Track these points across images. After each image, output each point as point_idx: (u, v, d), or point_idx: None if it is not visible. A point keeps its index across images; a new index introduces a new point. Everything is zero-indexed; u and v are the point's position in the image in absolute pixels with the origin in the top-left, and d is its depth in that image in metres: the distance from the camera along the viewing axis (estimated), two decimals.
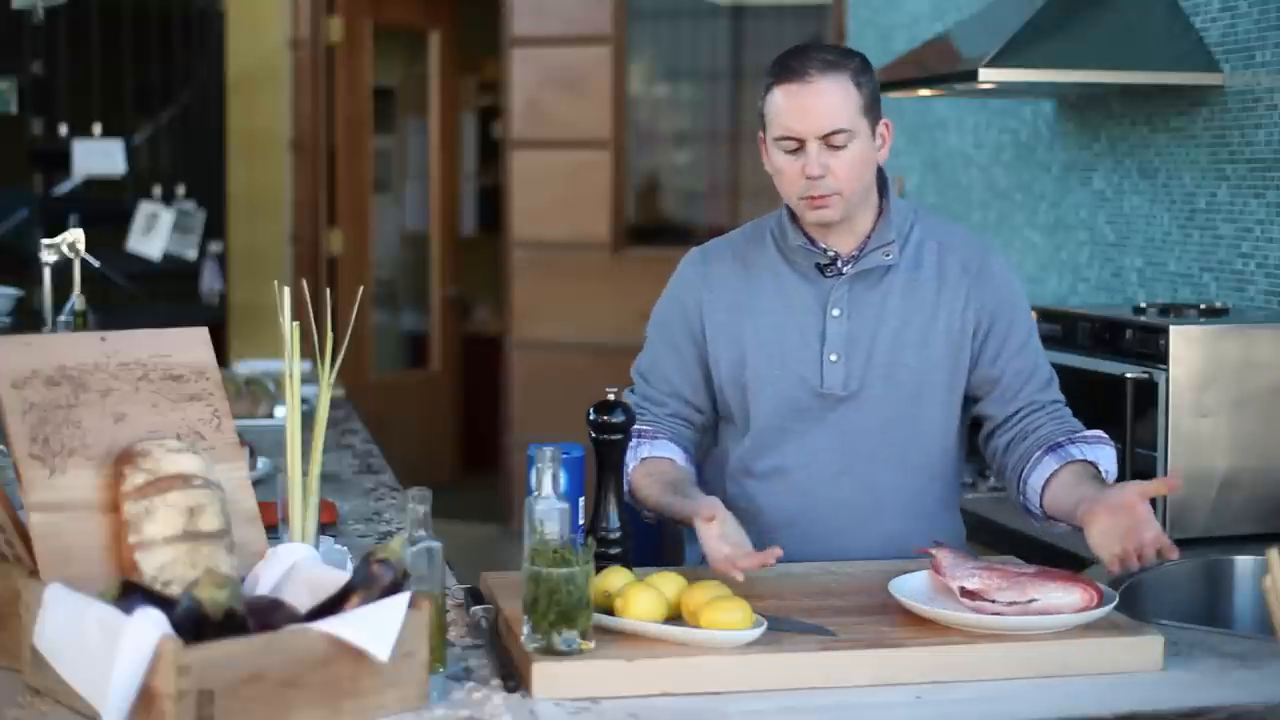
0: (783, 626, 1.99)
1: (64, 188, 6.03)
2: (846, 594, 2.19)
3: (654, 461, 2.44)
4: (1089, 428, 3.11)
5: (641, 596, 1.97)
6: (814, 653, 1.92)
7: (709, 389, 2.51)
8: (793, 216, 2.45)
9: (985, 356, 2.46)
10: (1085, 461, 2.36)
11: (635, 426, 2.38)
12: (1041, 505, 2.38)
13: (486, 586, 2.22)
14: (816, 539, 2.45)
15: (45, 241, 3.46)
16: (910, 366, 2.43)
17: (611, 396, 2.23)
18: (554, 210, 6.79)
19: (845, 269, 2.43)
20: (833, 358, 2.42)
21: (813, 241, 2.43)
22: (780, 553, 2.12)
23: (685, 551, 2.60)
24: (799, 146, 2.33)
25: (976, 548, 3.00)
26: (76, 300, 3.45)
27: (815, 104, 2.31)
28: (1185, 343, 2.85)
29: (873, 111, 2.37)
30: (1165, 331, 2.85)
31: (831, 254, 2.43)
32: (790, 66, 2.34)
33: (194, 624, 1.68)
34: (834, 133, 2.31)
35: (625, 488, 2.41)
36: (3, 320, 3.74)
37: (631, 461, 2.42)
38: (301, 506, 2.01)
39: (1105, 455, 2.40)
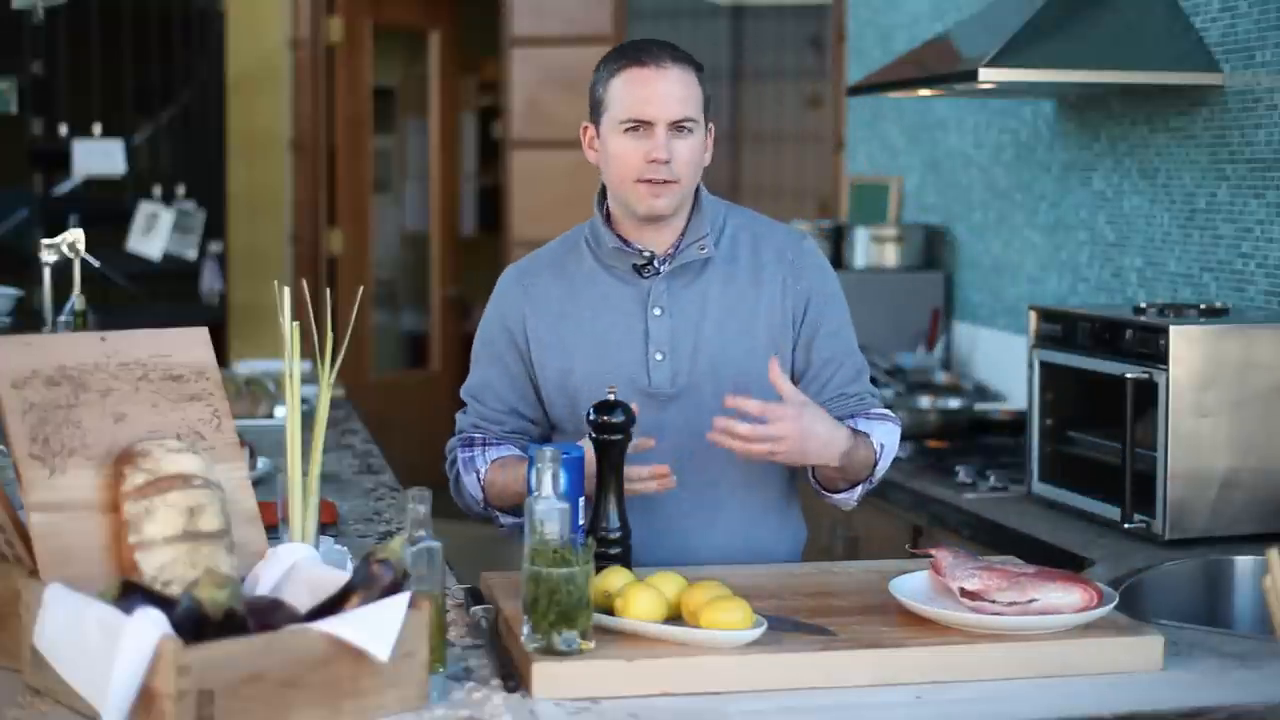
0: (783, 626, 1.99)
1: (64, 188, 6.03)
2: (846, 594, 2.19)
3: (501, 461, 2.45)
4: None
5: (641, 596, 1.97)
6: (814, 653, 1.92)
7: (540, 402, 2.51)
8: (607, 220, 2.47)
9: (800, 343, 2.49)
10: (858, 432, 2.41)
11: (470, 437, 2.48)
12: (814, 476, 2.45)
13: (486, 586, 2.22)
14: (661, 539, 2.42)
15: (45, 241, 3.46)
16: (735, 359, 2.44)
17: (611, 397, 2.23)
18: (554, 210, 6.78)
19: (662, 267, 2.44)
20: (658, 356, 2.43)
21: (628, 243, 2.45)
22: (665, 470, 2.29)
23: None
24: (644, 130, 2.36)
25: (976, 548, 3.00)
26: (76, 300, 3.45)
27: (669, 90, 2.36)
28: (1185, 343, 2.85)
29: (707, 111, 2.42)
30: (1165, 331, 2.85)
31: (648, 253, 2.44)
32: (640, 54, 2.38)
33: (194, 624, 1.68)
34: (683, 120, 2.36)
35: (480, 495, 2.45)
36: (3, 320, 3.74)
37: (481, 466, 2.45)
38: (301, 506, 2.01)
39: (882, 429, 2.46)
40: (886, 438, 2.46)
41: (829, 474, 2.40)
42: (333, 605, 1.78)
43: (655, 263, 2.44)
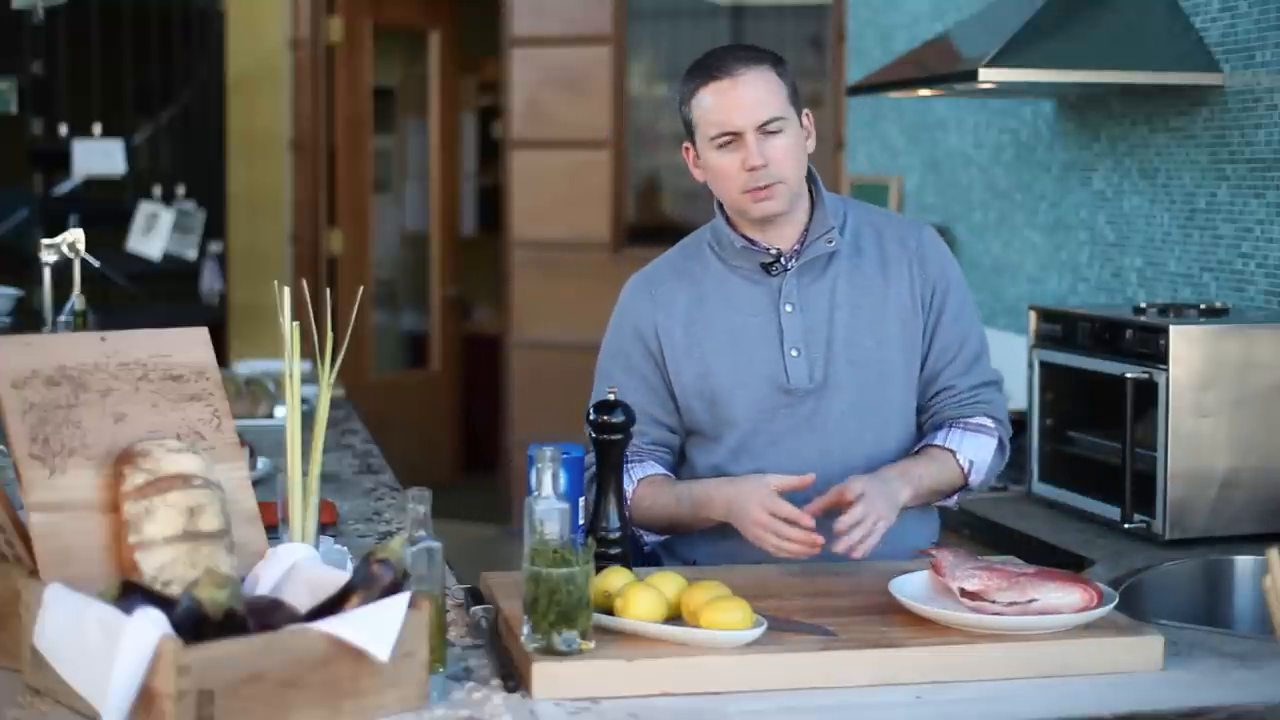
0: (783, 626, 1.99)
1: (64, 188, 6.03)
2: (846, 594, 2.19)
3: (651, 480, 2.46)
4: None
5: (641, 596, 1.97)
6: (814, 653, 1.92)
7: (678, 409, 2.51)
8: (729, 222, 2.47)
9: (927, 330, 2.50)
10: (942, 448, 2.46)
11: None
12: None
13: (486, 586, 2.22)
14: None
15: (45, 241, 3.46)
16: (869, 350, 2.45)
17: (611, 397, 2.23)
18: (554, 210, 6.79)
19: (790, 263, 2.45)
20: (794, 353, 2.43)
21: (753, 242, 2.45)
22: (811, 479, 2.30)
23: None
24: (735, 141, 2.37)
25: (976, 548, 3.00)
26: (76, 300, 3.45)
27: (747, 96, 2.36)
28: (1185, 343, 2.85)
29: (796, 101, 2.42)
30: (1165, 331, 2.85)
31: (775, 251, 2.45)
32: (712, 69, 2.39)
33: (194, 624, 1.68)
34: (768, 121, 2.36)
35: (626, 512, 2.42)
36: (3, 320, 3.74)
37: (627, 485, 2.43)
38: (301, 506, 2.01)
39: (972, 444, 2.48)
40: (977, 453, 2.48)
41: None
42: (333, 605, 1.78)
43: (783, 260, 2.45)
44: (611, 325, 2.56)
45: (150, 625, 1.64)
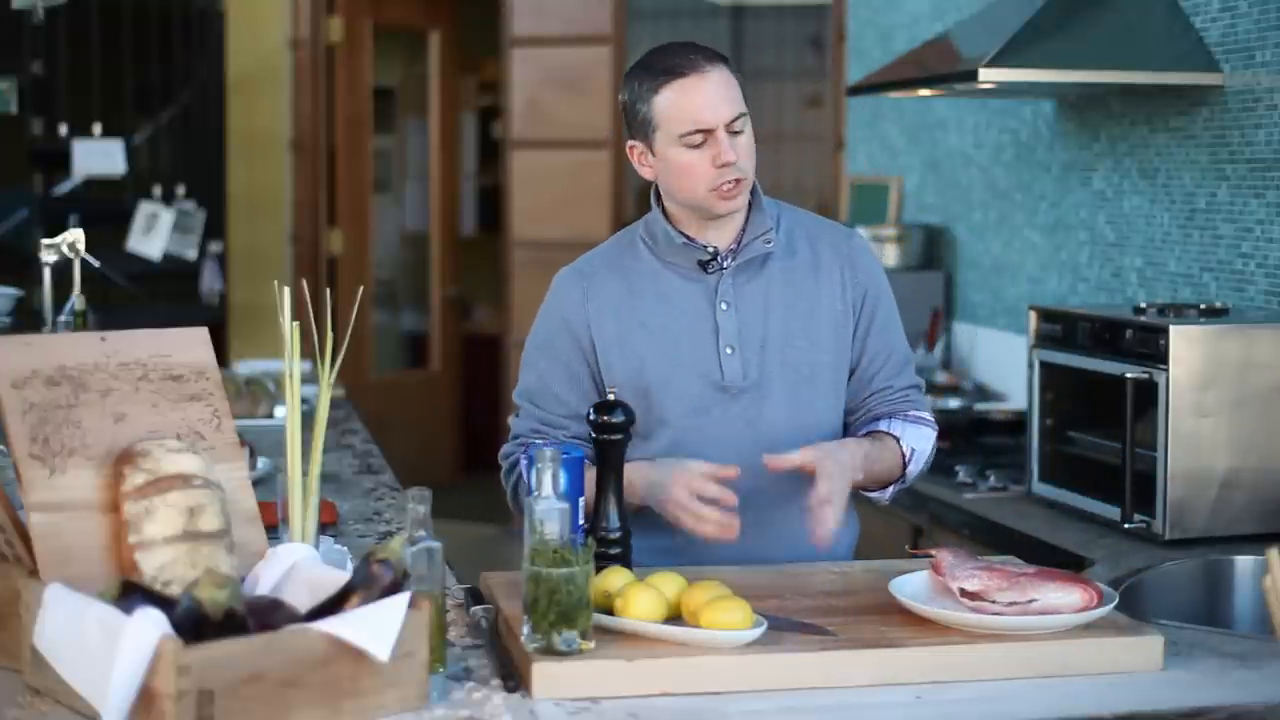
0: (783, 626, 1.99)
1: (64, 188, 6.03)
2: (846, 594, 2.19)
3: None
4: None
5: (641, 596, 1.97)
6: (814, 653, 1.92)
7: None
8: (668, 218, 2.47)
9: (857, 335, 2.51)
10: (886, 434, 2.47)
11: (530, 443, 2.43)
12: None
13: (486, 586, 2.22)
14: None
15: (45, 241, 3.46)
16: (801, 351, 2.45)
17: (612, 396, 2.23)
18: (554, 210, 6.79)
19: (726, 262, 2.45)
20: (728, 350, 2.43)
21: (691, 239, 2.45)
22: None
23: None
24: (705, 139, 2.36)
25: (976, 548, 3.00)
26: (76, 300, 3.45)
27: (718, 93, 2.36)
28: (1185, 343, 2.85)
29: (746, 100, 2.43)
30: (1165, 331, 2.85)
31: (712, 249, 2.45)
32: (679, 64, 2.37)
33: (194, 624, 1.68)
34: (736, 118, 2.37)
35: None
36: (3, 320, 3.74)
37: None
38: (301, 506, 2.01)
39: (915, 433, 2.49)
40: (919, 442, 2.49)
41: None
42: (333, 605, 1.78)
43: (720, 258, 2.45)
44: (540, 314, 2.55)
45: (150, 625, 1.64)
